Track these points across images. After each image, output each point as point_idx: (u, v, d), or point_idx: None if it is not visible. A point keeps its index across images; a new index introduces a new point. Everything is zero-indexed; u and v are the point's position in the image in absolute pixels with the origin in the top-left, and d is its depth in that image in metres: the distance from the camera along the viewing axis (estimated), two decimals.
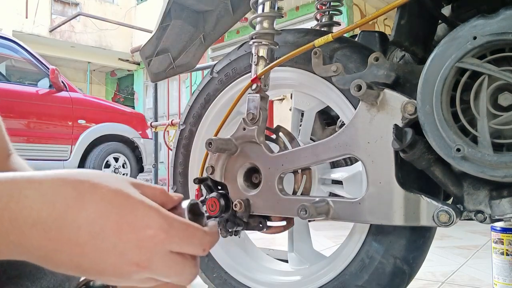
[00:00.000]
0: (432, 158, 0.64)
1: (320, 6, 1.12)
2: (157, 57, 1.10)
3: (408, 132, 0.64)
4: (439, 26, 0.83)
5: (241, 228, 0.87)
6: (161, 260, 0.34)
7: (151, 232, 0.33)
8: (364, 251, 0.79)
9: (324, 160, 0.80)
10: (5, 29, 7.47)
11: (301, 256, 1.02)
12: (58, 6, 9.17)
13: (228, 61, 1.03)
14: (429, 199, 0.66)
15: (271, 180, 0.82)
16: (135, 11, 9.78)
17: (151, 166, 3.59)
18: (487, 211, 0.62)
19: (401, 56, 0.89)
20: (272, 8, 0.85)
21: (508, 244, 1.12)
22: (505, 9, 0.56)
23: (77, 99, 4.01)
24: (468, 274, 1.46)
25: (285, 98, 4.85)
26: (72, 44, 9.25)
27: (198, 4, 1.04)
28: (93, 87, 10.56)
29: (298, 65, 0.89)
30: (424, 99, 0.62)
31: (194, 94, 1.09)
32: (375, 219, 0.71)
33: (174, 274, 0.35)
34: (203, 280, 1.06)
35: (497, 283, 1.15)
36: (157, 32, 1.05)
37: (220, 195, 0.86)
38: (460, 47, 0.59)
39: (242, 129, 0.85)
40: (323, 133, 1.06)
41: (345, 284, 0.80)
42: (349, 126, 0.74)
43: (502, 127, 0.57)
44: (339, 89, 0.83)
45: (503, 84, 0.57)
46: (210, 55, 7.75)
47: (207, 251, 0.37)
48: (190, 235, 0.36)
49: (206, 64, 3.30)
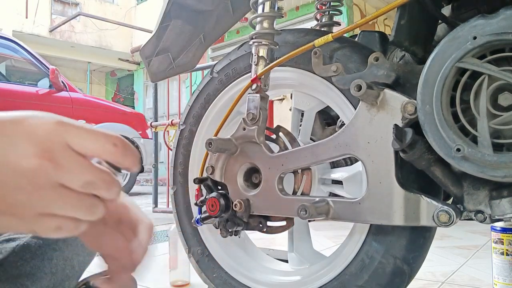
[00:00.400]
0: (432, 158, 0.64)
1: (320, 6, 1.12)
2: (157, 57, 1.10)
3: (408, 132, 0.64)
4: (439, 26, 0.83)
5: (241, 228, 0.87)
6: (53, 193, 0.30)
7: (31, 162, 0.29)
8: (364, 251, 0.79)
9: (324, 160, 0.80)
10: (5, 29, 7.47)
11: (301, 256, 1.02)
12: (58, 6, 9.18)
13: (228, 61, 1.03)
14: (429, 199, 0.66)
15: (271, 180, 0.82)
16: (135, 11, 9.78)
17: (151, 166, 3.59)
18: (487, 211, 0.62)
19: (401, 56, 0.89)
20: (272, 8, 0.85)
21: (508, 244, 1.12)
22: (505, 9, 0.56)
23: (77, 99, 4.01)
24: (468, 274, 1.46)
25: (285, 98, 4.85)
26: (72, 44, 9.25)
27: (198, 4, 1.04)
28: (93, 87, 10.56)
29: (298, 65, 0.89)
30: (424, 99, 0.62)
31: (194, 94, 1.09)
32: (375, 219, 0.71)
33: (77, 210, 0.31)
34: (203, 280, 1.06)
35: (497, 283, 1.15)
36: (157, 32, 1.05)
37: (220, 195, 0.86)
38: (460, 47, 0.59)
39: (242, 129, 0.85)
40: (323, 133, 1.06)
41: (345, 284, 0.80)
42: (349, 126, 0.74)
43: (502, 127, 0.57)
44: (339, 89, 0.83)
45: (503, 84, 0.57)
46: (210, 55, 7.75)
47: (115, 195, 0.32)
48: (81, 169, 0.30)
49: (206, 64, 3.30)
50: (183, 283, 1.36)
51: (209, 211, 0.84)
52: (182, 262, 1.35)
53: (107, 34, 9.43)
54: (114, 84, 11.51)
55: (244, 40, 1.01)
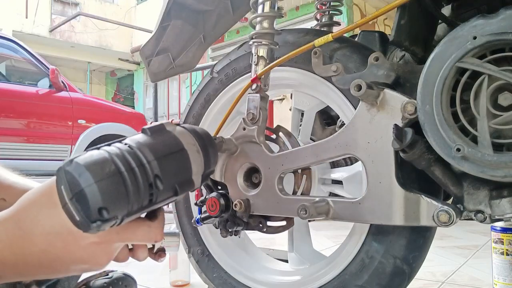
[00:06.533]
0: (432, 158, 0.64)
1: (320, 6, 1.12)
2: (157, 57, 1.10)
3: (408, 132, 0.64)
4: (439, 26, 0.83)
5: (241, 228, 0.86)
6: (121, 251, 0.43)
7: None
8: (364, 251, 0.79)
9: (324, 160, 0.80)
10: (5, 29, 7.47)
11: (301, 256, 1.02)
12: (58, 6, 9.18)
13: (228, 61, 1.03)
14: (429, 199, 0.66)
15: (271, 180, 0.82)
16: (135, 11, 9.79)
17: None
18: (487, 211, 0.62)
19: (401, 56, 0.89)
20: (272, 8, 0.85)
21: (508, 244, 1.12)
22: (505, 9, 0.56)
23: (77, 99, 4.00)
24: (468, 274, 1.46)
25: (285, 98, 4.85)
26: (72, 44, 9.25)
27: (198, 4, 1.04)
28: (93, 87, 10.56)
29: (298, 65, 0.89)
30: (424, 99, 0.62)
31: (194, 94, 1.09)
32: (375, 219, 0.71)
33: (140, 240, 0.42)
34: (203, 280, 1.06)
35: (497, 283, 1.15)
36: (157, 32, 1.05)
37: (220, 195, 0.86)
38: (460, 47, 0.59)
39: (242, 129, 0.85)
40: (323, 133, 1.06)
41: (345, 284, 0.80)
42: (349, 126, 0.74)
43: (502, 127, 0.57)
44: (339, 89, 0.83)
45: (503, 84, 0.57)
46: (210, 55, 7.75)
47: (160, 240, 0.43)
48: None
49: (206, 64, 3.30)
50: (183, 283, 1.36)
51: (209, 211, 0.84)
52: (182, 262, 1.35)
53: (107, 34, 9.43)
54: (114, 84, 11.51)
55: (244, 40, 1.01)
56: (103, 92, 11.22)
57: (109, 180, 0.33)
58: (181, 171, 0.39)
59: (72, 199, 0.33)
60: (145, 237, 0.41)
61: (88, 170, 0.33)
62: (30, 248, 0.37)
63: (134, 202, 0.35)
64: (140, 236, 0.40)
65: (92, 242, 0.38)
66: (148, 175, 0.36)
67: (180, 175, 0.39)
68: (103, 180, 0.33)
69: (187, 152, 0.39)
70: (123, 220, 0.35)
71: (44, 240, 0.37)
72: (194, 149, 0.40)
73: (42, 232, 0.37)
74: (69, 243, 0.37)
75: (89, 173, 0.33)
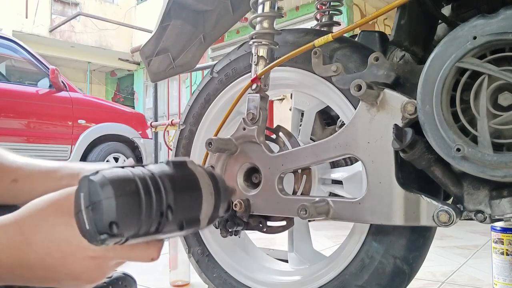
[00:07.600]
0: (432, 158, 0.64)
1: (320, 6, 1.12)
2: (157, 57, 1.10)
3: (408, 132, 0.64)
4: (439, 26, 0.83)
5: (241, 228, 0.86)
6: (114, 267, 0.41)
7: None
8: (364, 251, 0.79)
9: (324, 160, 0.80)
10: (5, 29, 7.46)
11: (301, 256, 1.02)
12: (58, 6, 9.17)
13: (228, 61, 1.03)
14: (429, 199, 0.66)
15: (271, 180, 0.82)
16: (135, 11, 9.78)
17: None
18: (487, 211, 0.62)
19: (401, 56, 0.89)
20: (272, 8, 0.85)
21: (508, 244, 1.12)
22: (505, 9, 0.56)
23: (77, 99, 4.00)
24: (468, 274, 1.46)
25: (285, 98, 4.85)
26: (72, 44, 9.25)
27: (198, 4, 1.04)
28: (93, 87, 10.56)
29: (298, 65, 0.89)
30: (424, 99, 0.62)
31: (194, 94, 1.09)
32: (375, 219, 0.71)
33: (136, 259, 0.41)
34: (203, 280, 1.06)
35: (497, 283, 1.15)
36: (157, 32, 1.05)
37: None
38: (460, 47, 0.59)
39: (242, 129, 0.85)
40: (323, 133, 1.06)
41: (345, 284, 0.80)
42: (349, 126, 0.74)
43: (502, 127, 0.57)
44: (339, 89, 0.83)
45: (503, 84, 0.57)
46: (210, 55, 7.75)
47: (157, 259, 0.42)
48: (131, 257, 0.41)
49: (206, 64, 3.30)
50: (183, 283, 1.36)
51: None
52: (182, 262, 1.35)
53: (107, 34, 9.42)
54: (114, 84, 11.51)
55: (244, 40, 1.01)
56: (103, 92, 11.22)
57: (128, 198, 0.35)
58: (191, 209, 0.41)
59: (88, 207, 0.35)
60: (143, 256, 0.40)
61: (111, 184, 0.34)
62: (29, 254, 0.37)
63: (143, 226, 0.36)
64: (138, 254, 0.40)
65: (89, 256, 0.38)
66: (162, 204, 0.37)
67: (190, 212, 0.41)
68: (122, 196, 0.34)
69: (202, 192, 0.41)
70: (127, 241, 0.35)
71: (43, 248, 0.38)
72: (208, 191, 0.42)
73: (44, 240, 0.38)
74: (67, 254, 0.38)
75: (111, 187, 0.34)
